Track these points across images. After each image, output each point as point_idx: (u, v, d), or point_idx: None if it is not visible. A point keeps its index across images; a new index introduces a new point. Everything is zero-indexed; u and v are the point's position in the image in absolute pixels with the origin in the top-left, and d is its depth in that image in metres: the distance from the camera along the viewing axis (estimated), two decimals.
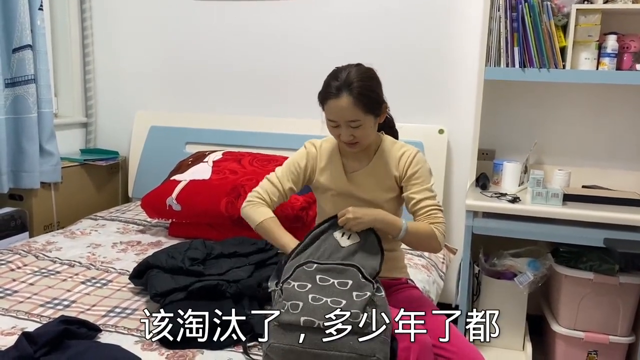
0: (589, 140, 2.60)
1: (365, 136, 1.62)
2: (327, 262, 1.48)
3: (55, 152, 2.76)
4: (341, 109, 1.55)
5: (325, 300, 1.37)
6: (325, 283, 1.42)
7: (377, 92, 1.61)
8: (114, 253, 2.25)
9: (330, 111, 1.58)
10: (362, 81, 1.56)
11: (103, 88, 3.30)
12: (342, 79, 1.55)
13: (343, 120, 1.57)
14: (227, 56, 3.04)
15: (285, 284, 1.44)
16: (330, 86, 1.57)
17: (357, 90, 1.54)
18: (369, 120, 1.59)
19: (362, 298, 1.38)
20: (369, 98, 1.56)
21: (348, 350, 1.31)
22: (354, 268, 1.45)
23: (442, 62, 2.73)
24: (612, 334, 2.27)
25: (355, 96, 1.54)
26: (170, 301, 1.63)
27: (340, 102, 1.55)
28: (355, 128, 1.58)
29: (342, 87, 1.54)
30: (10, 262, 2.08)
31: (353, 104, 1.54)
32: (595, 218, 2.12)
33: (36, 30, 2.65)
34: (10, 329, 1.57)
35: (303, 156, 1.76)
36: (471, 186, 2.47)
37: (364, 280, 1.43)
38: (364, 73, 1.58)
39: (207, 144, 3.04)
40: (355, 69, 1.59)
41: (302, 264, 1.48)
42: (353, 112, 1.55)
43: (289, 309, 1.37)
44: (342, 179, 1.72)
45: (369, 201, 1.68)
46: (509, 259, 2.41)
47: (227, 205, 2.34)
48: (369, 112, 1.57)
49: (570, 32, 2.27)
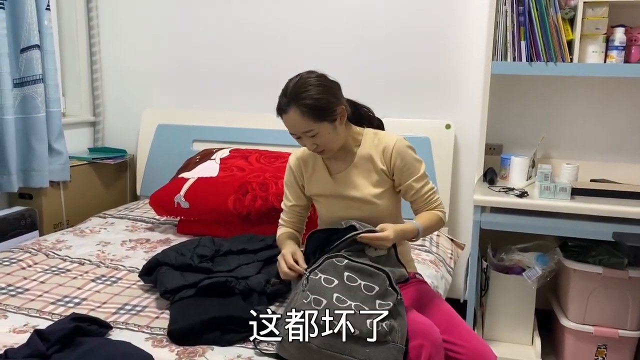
0: (597, 134, 2.59)
1: (328, 142, 1.61)
2: (359, 260, 1.47)
3: (63, 151, 2.78)
4: (292, 122, 1.58)
5: (349, 304, 1.37)
6: (353, 283, 1.42)
7: (327, 99, 1.57)
8: (123, 251, 2.26)
9: (286, 125, 1.61)
10: (307, 91, 1.55)
11: (110, 87, 3.32)
12: (287, 93, 1.57)
13: (299, 132, 1.59)
14: (233, 54, 3.04)
15: (312, 273, 1.44)
16: (280, 102, 1.59)
17: (303, 102, 1.54)
18: (324, 127, 1.58)
19: (384, 308, 1.38)
20: (316, 107, 1.55)
21: (363, 357, 1.32)
22: (383, 274, 1.44)
23: (449, 57, 2.72)
24: (621, 328, 2.26)
25: (302, 108, 1.54)
26: (180, 298, 1.64)
27: (289, 117, 1.57)
28: (313, 137, 1.59)
29: (289, 101, 1.56)
30: (21, 261, 2.10)
31: (301, 116, 1.55)
32: (604, 212, 2.10)
33: (44, 30, 2.66)
34: (23, 327, 1.59)
35: (289, 172, 1.81)
36: (479, 181, 2.46)
37: (391, 289, 1.43)
38: (312, 81, 1.57)
39: (214, 141, 3.05)
40: (302, 78, 1.58)
41: (332, 255, 1.47)
42: (304, 124, 1.56)
43: (311, 302, 1.37)
44: (328, 182, 1.72)
45: (360, 199, 1.68)
46: (517, 254, 2.40)
47: (234, 203, 2.35)
48: (320, 120, 1.56)
49: (578, 25, 2.25)
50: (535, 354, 2.40)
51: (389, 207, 1.70)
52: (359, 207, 1.68)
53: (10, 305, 1.73)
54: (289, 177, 1.81)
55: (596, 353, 2.32)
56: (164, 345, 1.48)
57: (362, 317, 1.34)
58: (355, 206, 1.68)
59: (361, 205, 1.68)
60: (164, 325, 1.57)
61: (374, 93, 1.80)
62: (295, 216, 1.82)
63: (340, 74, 1.64)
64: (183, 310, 1.59)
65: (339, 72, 1.67)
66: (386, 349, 1.33)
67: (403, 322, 1.40)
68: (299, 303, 1.39)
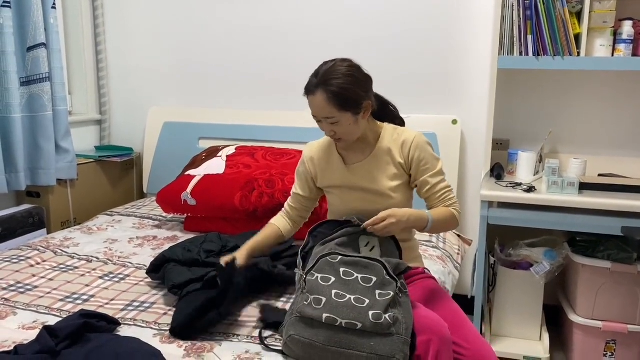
0: (604, 128, 2.57)
1: (346, 133, 1.62)
2: (352, 254, 1.47)
3: (70, 149, 2.79)
4: (316, 105, 1.58)
5: (349, 298, 1.37)
6: (349, 278, 1.41)
7: (356, 91, 1.58)
8: (131, 248, 2.27)
9: (310, 106, 1.61)
10: (339, 79, 1.55)
11: (116, 85, 3.32)
12: (320, 75, 1.57)
13: (320, 116, 1.60)
14: (239, 51, 3.05)
15: (308, 275, 1.44)
16: (310, 82, 1.59)
17: (332, 89, 1.54)
18: (346, 118, 1.58)
19: (385, 298, 1.37)
20: (344, 97, 1.55)
21: (368, 350, 1.32)
22: (379, 264, 1.44)
23: (455, 52, 2.71)
24: (630, 323, 2.25)
25: (329, 94, 1.55)
26: (187, 292, 1.65)
27: (315, 99, 1.57)
28: (333, 124, 1.59)
29: (318, 84, 1.56)
30: (29, 258, 2.11)
31: (326, 101, 1.55)
32: (612, 206, 2.09)
33: (50, 28, 2.67)
34: (32, 323, 1.60)
35: (302, 162, 1.82)
36: (486, 176, 2.45)
37: (389, 278, 1.42)
38: (344, 70, 1.57)
39: (220, 138, 3.05)
40: (336, 65, 1.58)
41: (326, 254, 1.47)
42: (327, 109, 1.57)
43: (312, 303, 1.37)
44: (344, 173, 1.72)
45: (376, 191, 1.68)
46: (525, 249, 2.39)
47: (241, 200, 2.35)
48: (344, 109, 1.57)
49: (585, 19, 2.24)
50: (543, 350, 2.39)
51: (402, 201, 1.69)
52: (373, 200, 1.68)
53: (19, 302, 1.74)
54: (300, 167, 1.84)
55: (605, 348, 2.31)
56: (172, 341, 1.49)
57: (364, 309, 1.34)
58: (370, 199, 1.68)
59: (376, 197, 1.68)
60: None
61: (381, 89, 1.80)
62: (298, 204, 1.85)
63: None
64: (181, 306, 1.60)
65: None
66: (391, 341, 1.33)
67: (408, 314, 1.39)
68: (300, 305, 1.39)
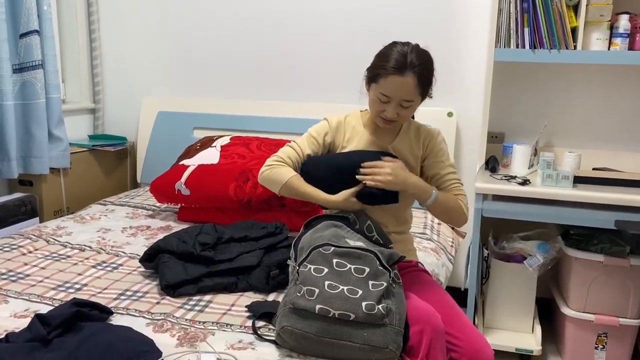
0: (599, 122, 2.58)
1: (406, 116, 1.66)
2: (344, 245, 1.46)
3: (63, 137, 2.77)
4: (402, 87, 1.56)
5: (342, 289, 1.36)
6: (342, 269, 1.41)
7: (433, 79, 1.63)
8: (124, 237, 2.26)
9: (388, 86, 1.57)
10: (426, 64, 1.59)
11: (110, 74, 3.30)
12: (409, 58, 1.56)
13: (398, 98, 1.58)
14: (233, 41, 3.02)
15: (301, 266, 1.43)
16: (397, 62, 1.56)
17: (421, 72, 1.56)
18: (417, 103, 1.63)
19: (378, 288, 1.37)
20: (428, 81, 1.60)
21: (361, 341, 1.31)
22: (371, 254, 1.44)
23: (451, 43, 2.70)
24: (622, 316, 2.27)
25: (422, 79, 1.57)
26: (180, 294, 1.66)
27: (404, 80, 1.55)
28: (405, 108, 1.60)
29: (408, 66, 1.55)
30: (21, 247, 2.09)
31: (415, 86, 1.57)
32: (606, 200, 2.10)
33: (43, 15, 2.64)
34: (24, 312, 1.59)
35: (324, 128, 1.76)
36: (480, 169, 2.46)
37: (382, 268, 1.42)
38: (426, 55, 1.60)
39: (214, 129, 3.04)
40: (419, 49, 1.60)
41: (318, 245, 1.47)
42: (412, 93, 1.58)
43: (304, 294, 1.36)
44: (372, 144, 1.73)
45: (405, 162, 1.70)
46: (519, 242, 2.40)
47: (235, 190, 2.34)
48: (422, 95, 1.61)
49: (582, 12, 2.24)
50: (535, 342, 2.41)
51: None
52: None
53: (11, 290, 1.73)
54: (321, 130, 1.75)
55: (596, 341, 2.32)
56: (165, 330, 1.48)
57: (357, 300, 1.34)
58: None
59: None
60: (165, 311, 1.58)
61: None
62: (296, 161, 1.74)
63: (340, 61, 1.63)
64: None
65: (338, 59, 1.66)
66: (384, 331, 1.33)
67: (401, 304, 1.39)
68: (293, 297, 1.38)
